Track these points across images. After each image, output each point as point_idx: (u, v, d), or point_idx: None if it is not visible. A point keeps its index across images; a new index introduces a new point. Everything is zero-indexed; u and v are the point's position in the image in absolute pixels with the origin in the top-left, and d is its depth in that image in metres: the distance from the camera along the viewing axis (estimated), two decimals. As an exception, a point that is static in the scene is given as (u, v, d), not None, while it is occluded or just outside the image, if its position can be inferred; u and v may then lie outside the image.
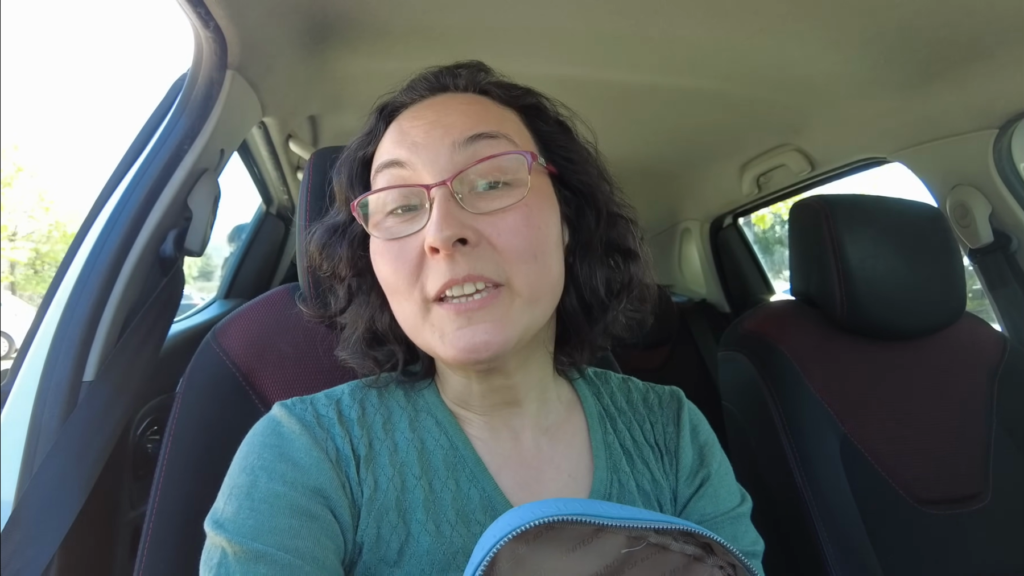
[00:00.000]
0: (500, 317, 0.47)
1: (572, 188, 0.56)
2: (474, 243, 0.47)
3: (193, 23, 0.82)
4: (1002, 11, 0.91)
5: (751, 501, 0.61)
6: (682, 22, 0.98)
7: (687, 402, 0.65)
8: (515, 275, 0.48)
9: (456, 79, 0.56)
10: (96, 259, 0.80)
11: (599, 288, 0.56)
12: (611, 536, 0.40)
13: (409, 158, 0.50)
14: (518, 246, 0.48)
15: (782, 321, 1.14)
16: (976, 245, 1.31)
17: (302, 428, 0.51)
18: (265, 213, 1.77)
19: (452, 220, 0.46)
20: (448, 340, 0.47)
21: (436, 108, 0.53)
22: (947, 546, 0.96)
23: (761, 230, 4.88)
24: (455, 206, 0.47)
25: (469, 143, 0.49)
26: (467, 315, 0.46)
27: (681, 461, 0.60)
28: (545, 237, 0.50)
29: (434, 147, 0.49)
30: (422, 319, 0.49)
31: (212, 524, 0.46)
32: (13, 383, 0.75)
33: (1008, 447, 1.06)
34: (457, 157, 0.49)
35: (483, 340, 0.46)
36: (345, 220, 0.57)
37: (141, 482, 0.90)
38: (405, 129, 0.52)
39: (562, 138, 0.57)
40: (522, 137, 0.53)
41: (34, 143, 24.85)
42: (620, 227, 0.58)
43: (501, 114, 0.54)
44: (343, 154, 0.58)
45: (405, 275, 0.48)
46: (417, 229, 0.48)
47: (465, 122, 0.50)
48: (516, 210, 0.48)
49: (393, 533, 0.49)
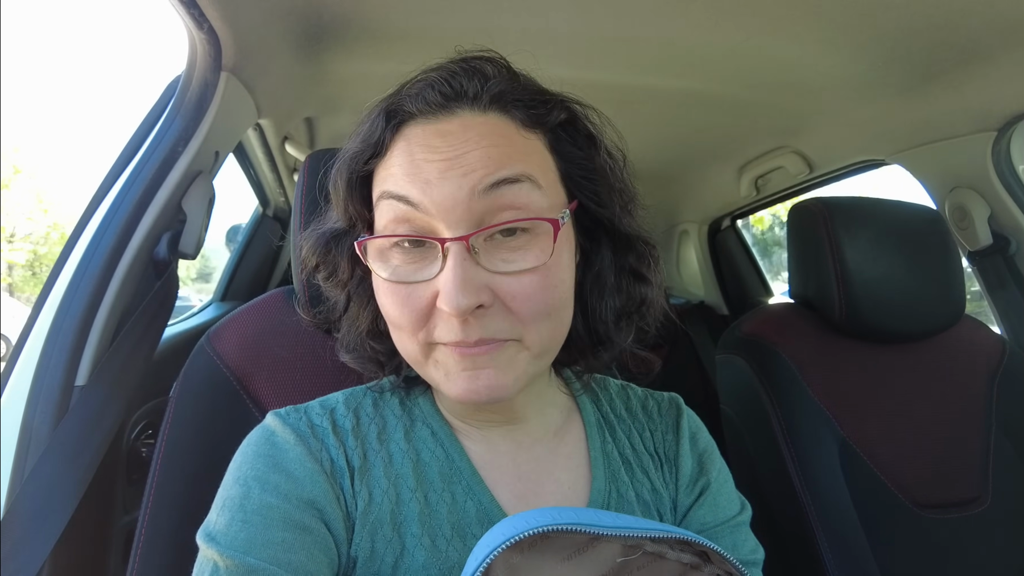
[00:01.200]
0: (505, 364, 0.46)
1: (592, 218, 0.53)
2: (488, 304, 0.44)
3: (187, 25, 0.82)
4: (1000, 13, 0.91)
5: (751, 509, 0.60)
6: (680, 24, 0.98)
7: (686, 409, 0.64)
8: (527, 334, 0.46)
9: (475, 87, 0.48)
10: (89, 262, 0.79)
11: (608, 317, 0.54)
12: (606, 545, 0.40)
13: (421, 200, 0.45)
14: (534, 309, 0.45)
15: (780, 324, 1.13)
16: (975, 247, 1.31)
17: (296, 438, 0.50)
18: (262, 215, 1.76)
19: (470, 286, 0.43)
20: (452, 380, 0.46)
21: (454, 138, 0.46)
22: (946, 550, 0.96)
23: (760, 231, 4.87)
24: (472, 265, 0.44)
25: (490, 190, 0.44)
26: (472, 359, 0.45)
27: (681, 470, 0.59)
28: (562, 294, 0.47)
29: (451, 193, 0.44)
30: (424, 356, 0.47)
31: (204, 537, 0.45)
32: (4, 387, 0.74)
33: (1007, 451, 1.05)
34: (475, 205, 0.44)
35: (486, 385, 0.45)
36: (343, 227, 0.54)
37: (135, 487, 0.89)
38: (417, 161, 0.45)
39: (588, 164, 0.51)
40: (546, 171, 0.48)
41: (33, 145, 24.81)
42: (637, 250, 0.55)
43: (525, 146, 0.48)
44: (341, 156, 0.53)
45: (410, 320, 0.46)
46: (427, 279, 0.45)
47: (487, 164, 0.44)
48: (537, 272, 0.45)
49: (388, 547, 0.48)
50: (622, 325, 0.55)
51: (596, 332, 0.55)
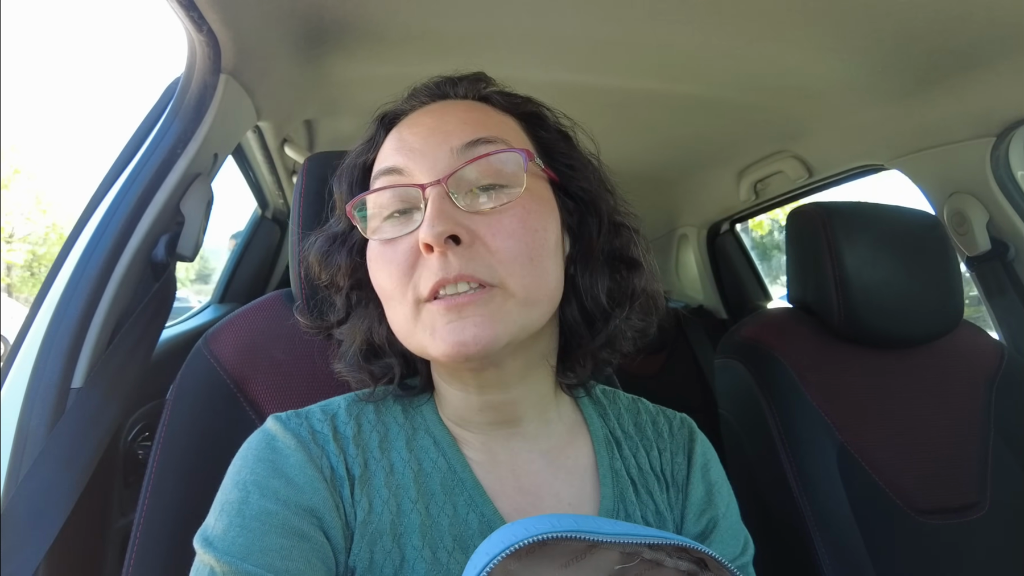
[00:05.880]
0: (491, 313, 0.46)
1: (573, 196, 0.55)
2: (467, 243, 0.46)
3: (186, 27, 0.81)
4: (1000, 19, 0.91)
5: (753, 548, 0.59)
6: (679, 29, 0.98)
7: (701, 436, 0.63)
8: (509, 277, 0.46)
9: (456, 87, 0.56)
10: (87, 263, 0.79)
11: (600, 297, 0.55)
12: (605, 552, 0.40)
13: (407, 164, 0.50)
14: (513, 248, 0.47)
15: (779, 329, 1.13)
16: (974, 253, 1.31)
17: (297, 444, 0.50)
18: (261, 217, 1.76)
19: (445, 216, 0.45)
20: (438, 335, 0.46)
21: (435, 114, 0.53)
22: (944, 556, 0.96)
23: (760, 236, 4.87)
24: (449, 204, 0.46)
25: (467, 148, 0.49)
26: (457, 310, 0.45)
27: (690, 497, 0.58)
28: (543, 241, 0.49)
29: (432, 152, 0.49)
30: (414, 320, 0.48)
31: (201, 541, 0.45)
32: (0, 388, 0.74)
33: (1006, 456, 1.05)
34: (455, 162, 0.48)
35: (472, 334, 0.45)
36: (345, 229, 0.56)
37: (131, 489, 0.89)
38: (404, 136, 0.52)
39: (563, 145, 0.56)
40: (521, 143, 0.53)
41: (32, 145, 24.82)
42: (623, 236, 0.57)
43: (501, 120, 0.53)
44: (344, 162, 0.58)
45: (398, 276, 0.48)
46: (411, 229, 0.48)
47: (464, 128, 0.50)
48: (512, 211, 0.48)
49: (387, 559, 0.48)
50: (615, 307, 0.56)
51: (591, 317, 0.55)
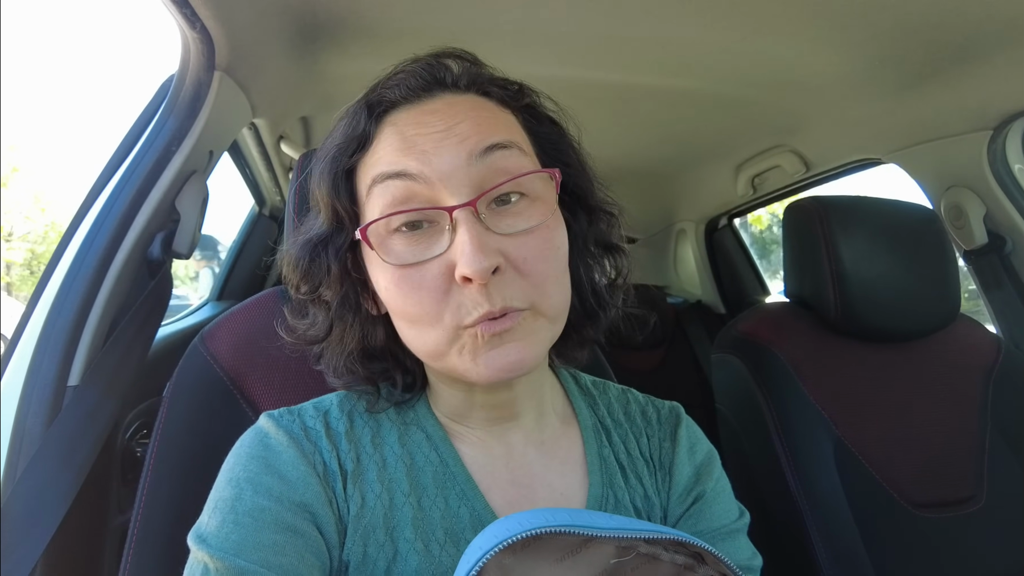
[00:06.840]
0: (527, 335, 0.46)
1: (569, 191, 0.55)
2: (503, 269, 0.44)
3: (179, 24, 0.81)
4: (996, 13, 0.91)
5: (748, 516, 0.59)
6: (676, 23, 0.97)
7: (687, 419, 0.63)
8: (541, 300, 0.46)
9: (453, 75, 0.51)
10: (83, 261, 0.79)
11: (600, 286, 0.56)
12: (600, 546, 0.40)
13: (421, 170, 0.45)
14: (544, 271, 0.46)
15: (776, 323, 1.13)
16: (971, 247, 1.31)
17: (289, 440, 0.50)
18: (258, 214, 1.76)
19: (488, 250, 0.43)
20: (481, 361, 0.45)
21: (442, 114, 0.47)
22: (942, 549, 0.96)
23: (759, 230, 4.87)
24: (483, 230, 0.44)
25: (484, 155, 0.46)
26: (500, 336, 0.45)
27: (675, 478, 0.58)
28: (564, 256, 0.49)
29: (449, 159, 0.45)
30: (448, 344, 0.46)
31: (195, 538, 0.45)
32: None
33: (1003, 450, 1.05)
34: (473, 171, 0.45)
35: (516, 359, 0.45)
36: (328, 232, 0.51)
37: (129, 487, 0.89)
38: (409, 136, 0.47)
39: (558, 141, 0.55)
40: (526, 144, 0.51)
41: (30, 144, 24.75)
42: (605, 222, 0.58)
43: (507, 120, 0.51)
44: (321, 155, 0.51)
45: (431, 303, 0.45)
46: (436, 254, 0.45)
47: (479, 131, 0.46)
48: (539, 232, 0.47)
49: (380, 552, 0.48)
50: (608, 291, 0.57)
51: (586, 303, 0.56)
